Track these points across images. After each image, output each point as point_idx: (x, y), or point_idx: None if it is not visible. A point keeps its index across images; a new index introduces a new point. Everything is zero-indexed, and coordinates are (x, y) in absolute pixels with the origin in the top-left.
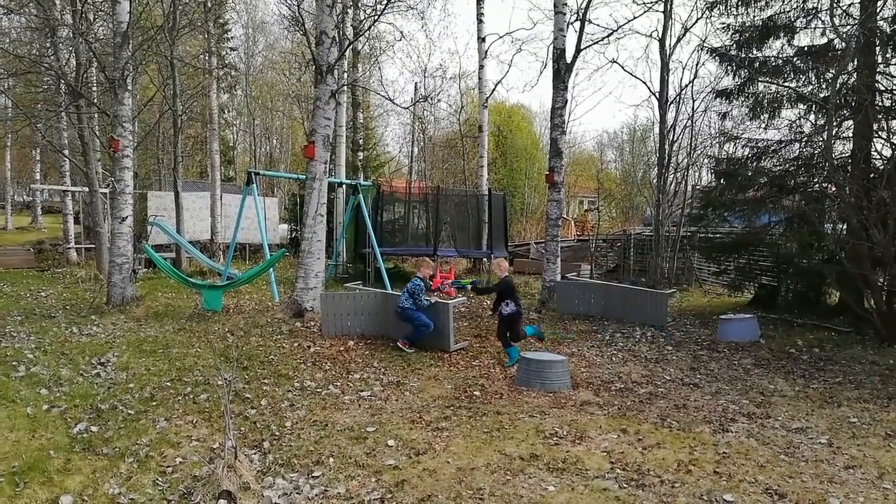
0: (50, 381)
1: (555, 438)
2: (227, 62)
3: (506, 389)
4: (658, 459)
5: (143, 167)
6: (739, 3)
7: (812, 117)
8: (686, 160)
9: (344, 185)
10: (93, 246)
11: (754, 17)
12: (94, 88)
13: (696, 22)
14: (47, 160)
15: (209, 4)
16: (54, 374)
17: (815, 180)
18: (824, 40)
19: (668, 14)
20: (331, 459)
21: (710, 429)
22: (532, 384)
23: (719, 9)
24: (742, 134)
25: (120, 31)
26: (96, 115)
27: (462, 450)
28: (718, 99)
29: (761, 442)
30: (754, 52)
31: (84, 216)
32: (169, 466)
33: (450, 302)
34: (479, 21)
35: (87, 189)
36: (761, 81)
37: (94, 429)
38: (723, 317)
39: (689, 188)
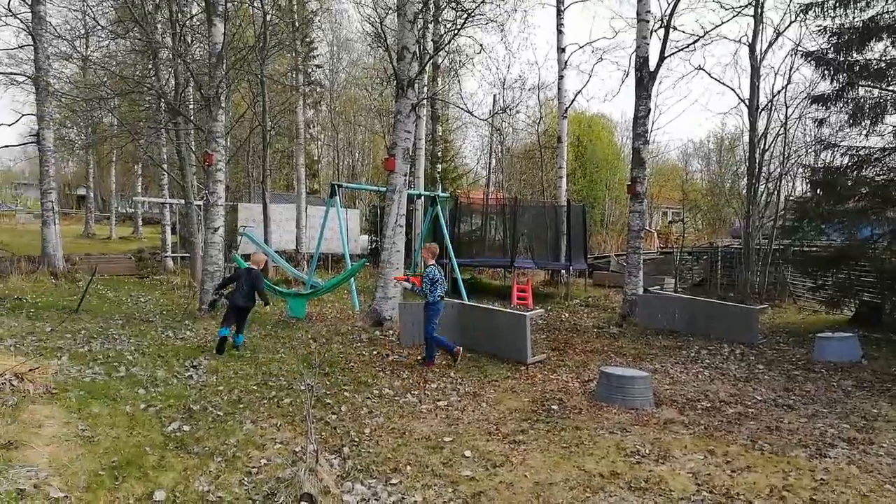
0: (147, 381)
1: (637, 457)
2: (312, 79)
3: (585, 404)
4: (748, 483)
5: (233, 180)
6: (837, 5)
7: None
8: (778, 169)
9: (422, 197)
10: (187, 255)
11: (854, 18)
12: (191, 106)
13: (789, 25)
14: (148, 174)
15: (297, 24)
16: (151, 374)
17: None
18: None
19: (758, 18)
20: (408, 467)
21: (806, 453)
22: (612, 400)
23: (815, 11)
24: (841, 141)
25: (215, 52)
26: (192, 132)
27: (540, 464)
28: (814, 105)
29: (864, 469)
30: (854, 55)
31: (180, 226)
32: (254, 467)
33: (527, 314)
34: (559, 32)
35: (183, 201)
36: (862, 86)
37: (186, 428)
38: (820, 335)
39: (783, 199)
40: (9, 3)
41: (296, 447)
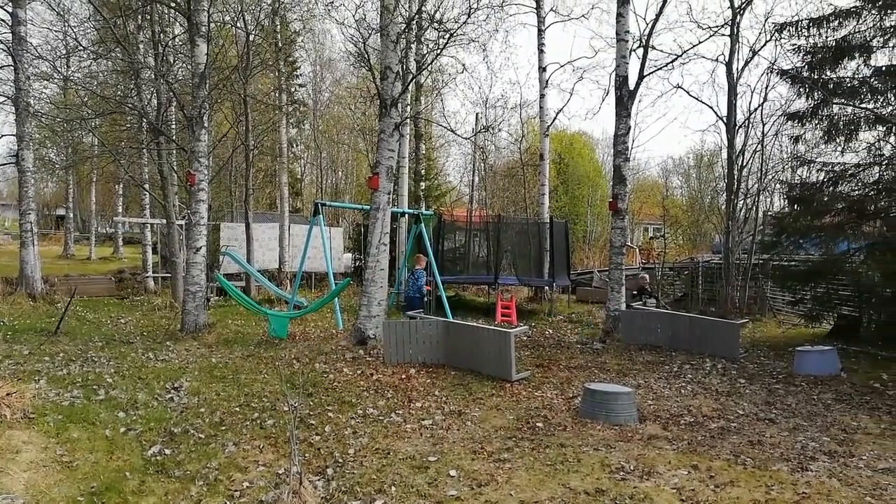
0: (127, 404)
1: (621, 473)
2: (296, 98)
3: (569, 421)
4: (732, 498)
5: (216, 199)
6: (811, 25)
7: (892, 139)
8: (756, 185)
9: (406, 215)
10: (169, 275)
11: (827, 37)
12: (173, 126)
13: (764, 45)
14: (129, 194)
15: (280, 45)
16: (131, 397)
17: None
18: None
19: (734, 38)
20: (393, 488)
21: (788, 467)
22: (597, 416)
23: (789, 31)
24: (816, 158)
25: (198, 72)
26: (175, 151)
27: (525, 482)
28: (790, 122)
29: (844, 482)
30: (828, 73)
31: (161, 247)
32: (237, 490)
33: (511, 331)
34: (540, 51)
35: (164, 221)
36: (836, 103)
37: (167, 451)
38: (800, 348)
39: (761, 214)
40: None
41: (279, 469)
